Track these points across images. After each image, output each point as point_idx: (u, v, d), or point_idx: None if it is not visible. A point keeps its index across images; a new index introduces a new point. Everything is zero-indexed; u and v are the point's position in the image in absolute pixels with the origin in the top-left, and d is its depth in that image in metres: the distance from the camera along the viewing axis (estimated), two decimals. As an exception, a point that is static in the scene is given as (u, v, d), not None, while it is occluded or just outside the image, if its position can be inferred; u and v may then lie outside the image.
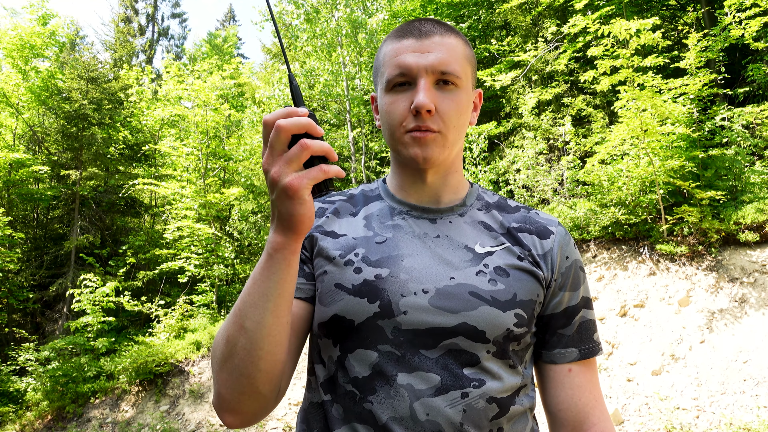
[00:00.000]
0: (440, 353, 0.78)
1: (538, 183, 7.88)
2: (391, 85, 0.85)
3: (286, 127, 0.65)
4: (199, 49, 22.41)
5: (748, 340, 4.85)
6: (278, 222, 0.68)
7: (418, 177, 0.90)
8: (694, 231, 5.86)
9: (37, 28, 11.91)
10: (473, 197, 0.94)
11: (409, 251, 0.84)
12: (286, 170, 0.65)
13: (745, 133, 6.56)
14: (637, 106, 5.88)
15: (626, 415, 4.70)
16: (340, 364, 0.81)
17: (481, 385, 0.78)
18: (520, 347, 0.84)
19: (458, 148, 0.89)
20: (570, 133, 8.22)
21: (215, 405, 0.75)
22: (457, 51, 0.85)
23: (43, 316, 10.71)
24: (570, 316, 0.89)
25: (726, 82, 7.83)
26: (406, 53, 0.83)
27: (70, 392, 7.45)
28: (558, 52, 9.29)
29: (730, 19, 6.84)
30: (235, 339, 0.71)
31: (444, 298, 0.79)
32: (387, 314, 0.79)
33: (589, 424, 0.87)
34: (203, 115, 10.58)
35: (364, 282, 0.81)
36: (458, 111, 0.84)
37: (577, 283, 0.90)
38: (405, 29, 0.86)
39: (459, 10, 11.56)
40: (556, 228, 0.91)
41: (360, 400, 0.78)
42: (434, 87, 0.83)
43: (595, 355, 0.90)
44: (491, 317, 0.79)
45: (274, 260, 0.70)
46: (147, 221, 13.11)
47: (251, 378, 0.71)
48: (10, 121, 12.30)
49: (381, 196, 0.95)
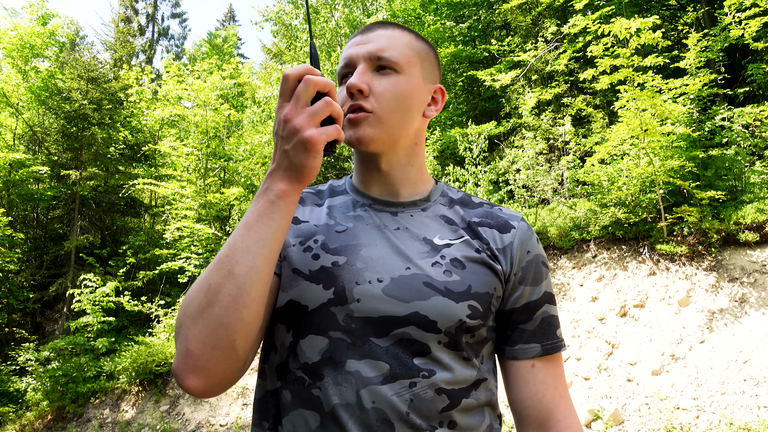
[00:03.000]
0: (391, 342, 0.78)
1: (538, 183, 7.88)
2: (340, 77, 0.89)
3: (315, 82, 0.69)
4: (199, 49, 22.42)
5: (748, 340, 4.85)
6: (287, 171, 0.70)
7: (374, 166, 0.90)
8: (694, 231, 5.86)
9: (37, 28, 11.92)
10: (437, 194, 0.95)
11: (368, 241, 0.85)
12: (309, 123, 0.68)
13: (745, 133, 6.56)
14: (637, 105, 5.88)
15: (626, 415, 4.70)
16: (292, 349, 0.80)
17: (431, 375, 0.77)
18: (474, 340, 0.83)
19: (407, 136, 0.89)
20: (570, 133, 8.22)
21: (178, 367, 0.70)
22: (398, 40, 0.87)
23: (43, 316, 10.71)
24: (531, 311, 0.88)
25: (726, 82, 7.82)
26: (351, 47, 0.87)
27: (70, 392, 7.46)
28: (558, 52, 9.28)
29: (730, 19, 6.84)
30: (219, 286, 0.69)
31: (398, 287, 0.79)
32: (341, 301, 0.79)
33: (554, 421, 0.86)
34: (203, 115, 10.58)
35: (321, 268, 0.82)
36: (395, 93, 0.84)
37: (539, 278, 0.89)
38: (357, 31, 0.91)
39: (459, 10, 11.56)
40: (518, 223, 0.91)
41: (308, 386, 0.77)
42: (371, 71, 0.85)
43: (558, 351, 0.90)
44: (443, 307, 0.78)
45: (276, 207, 0.71)
46: (147, 221, 13.10)
47: (230, 329, 0.68)
48: (10, 121, 12.31)
49: (346, 190, 0.96)
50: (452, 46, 10.49)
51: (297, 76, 0.70)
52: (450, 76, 11.25)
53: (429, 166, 9.28)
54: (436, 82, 0.94)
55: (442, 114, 10.45)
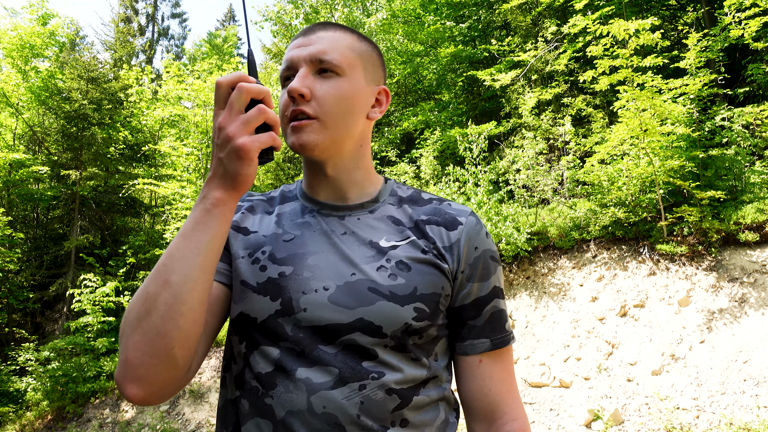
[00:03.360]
0: (339, 348, 0.79)
1: (538, 183, 7.88)
2: (282, 80, 0.88)
3: (249, 89, 0.70)
4: (199, 49, 22.42)
5: (748, 340, 4.85)
6: (222, 179, 0.71)
7: (320, 172, 0.90)
8: (694, 231, 5.86)
9: (37, 28, 11.91)
10: (386, 193, 0.94)
11: (315, 249, 0.85)
12: (243, 131, 0.69)
13: (745, 133, 6.56)
14: (637, 106, 5.88)
15: (626, 415, 4.70)
16: (246, 360, 0.82)
17: (380, 377, 0.78)
18: (423, 341, 0.83)
19: (352, 139, 0.89)
20: (570, 133, 8.21)
21: (119, 375, 0.70)
22: (339, 42, 0.86)
23: (43, 316, 10.70)
24: (480, 307, 0.88)
25: (726, 82, 7.82)
26: (292, 49, 0.86)
27: (70, 392, 7.45)
28: (558, 52, 9.28)
29: (730, 19, 6.83)
30: (155, 295, 0.69)
31: (343, 294, 0.80)
32: (287, 312, 0.80)
33: (499, 413, 0.87)
34: (203, 115, 10.58)
35: (268, 280, 0.83)
36: (337, 97, 0.83)
37: (487, 273, 0.89)
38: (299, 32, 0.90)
39: (459, 10, 11.56)
40: (466, 218, 0.90)
41: (262, 395, 0.79)
42: (313, 75, 0.84)
43: (507, 344, 0.90)
44: (388, 312, 0.79)
45: (212, 215, 0.71)
46: (147, 221, 13.10)
47: (168, 338, 0.69)
48: (10, 121, 12.30)
49: (297, 196, 0.96)
50: (452, 46, 10.49)
51: (230, 83, 0.71)
52: (450, 76, 11.25)
53: (429, 166, 9.28)
54: (380, 84, 0.93)
55: (442, 114, 10.46)
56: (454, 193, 7.06)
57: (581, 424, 4.74)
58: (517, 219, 6.96)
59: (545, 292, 6.38)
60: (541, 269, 6.69)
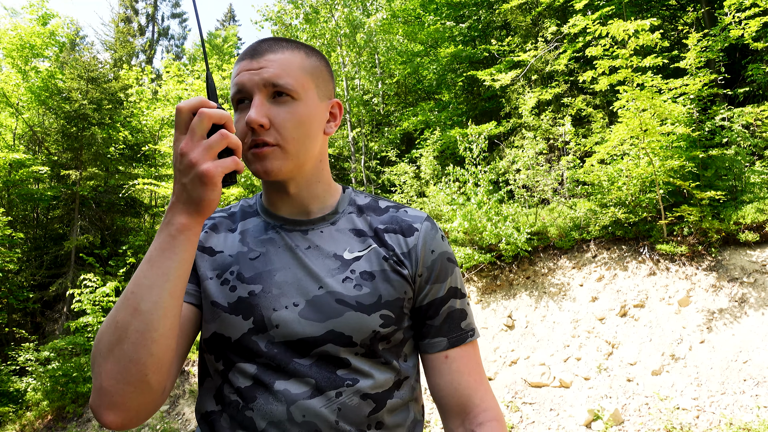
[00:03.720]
0: (313, 360, 0.82)
1: (538, 183, 7.88)
2: (235, 103, 0.88)
3: (210, 115, 0.70)
4: (199, 49, 22.41)
5: (748, 340, 4.85)
6: (186, 204, 0.71)
7: (282, 190, 0.91)
8: (694, 231, 5.86)
9: (37, 28, 11.91)
10: (345, 203, 0.96)
11: (281, 265, 0.87)
12: (205, 156, 0.69)
13: (745, 133, 6.56)
14: (637, 106, 5.88)
15: (626, 415, 4.70)
16: (224, 376, 0.85)
17: (354, 384, 0.82)
18: (390, 345, 0.87)
19: (312, 159, 0.90)
20: (570, 133, 8.22)
21: (95, 403, 0.71)
22: (291, 64, 0.86)
23: (43, 316, 10.70)
24: (437, 307, 0.92)
25: (726, 82, 7.82)
26: (242, 72, 0.85)
27: (70, 392, 7.46)
28: (558, 52, 9.28)
29: (730, 19, 6.83)
30: (126, 323, 0.69)
31: (313, 309, 0.83)
32: (260, 329, 0.82)
33: (471, 405, 0.90)
34: (203, 115, 10.55)
35: (238, 299, 0.84)
36: (295, 122, 0.84)
37: (444, 274, 0.92)
38: (245, 51, 0.89)
39: (459, 10, 11.56)
40: (422, 224, 0.93)
41: (242, 408, 0.81)
42: (269, 101, 0.84)
43: (465, 342, 0.92)
44: (356, 322, 0.82)
45: (177, 241, 0.71)
46: (147, 221, 13.10)
47: (141, 364, 0.69)
48: (10, 121, 12.30)
49: (257, 211, 0.97)
50: (452, 46, 10.49)
51: (191, 108, 0.70)
52: (450, 76, 11.25)
53: (429, 166, 9.28)
54: (331, 97, 0.94)
55: (442, 114, 10.46)
56: (454, 193, 7.06)
57: (581, 424, 4.74)
58: (517, 219, 6.96)
59: (545, 292, 6.38)
60: (541, 269, 6.69)
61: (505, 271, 6.89)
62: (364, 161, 10.95)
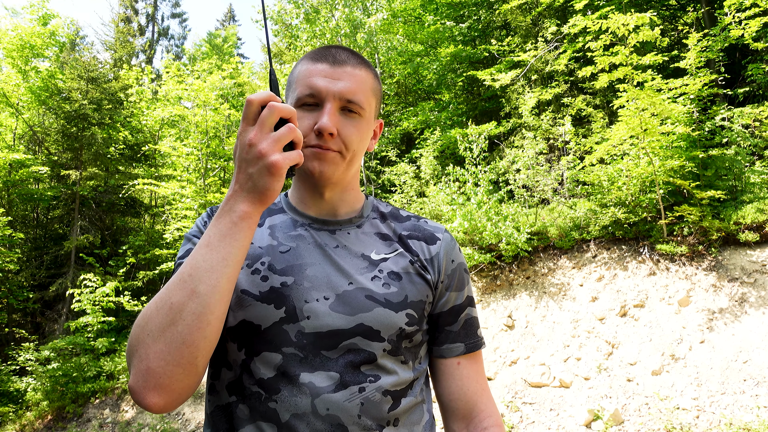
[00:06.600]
0: (340, 353, 0.84)
1: (538, 183, 7.88)
2: (300, 102, 0.90)
3: (280, 109, 0.73)
4: (198, 49, 22.41)
5: (748, 340, 4.85)
6: (250, 193, 0.73)
7: (317, 192, 0.96)
8: (694, 231, 5.86)
9: (37, 28, 11.90)
10: (369, 209, 1.02)
11: (312, 260, 0.90)
12: (274, 148, 0.72)
13: (745, 133, 6.56)
14: (637, 105, 5.87)
15: (626, 415, 4.70)
16: (246, 367, 0.85)
17: (377, 380, 0.85)
18: (411, 344, 0.92)
19: (355, 169, 0.98)
20: (570, 133, 8.21)
21: (138, 384, 0.71)
22: (365, 83, 0.92)
23: (43, 316, 10.70)
24: (456, 314, 0.98)
25: (726, 82, 7.82)
26: (318, 76, 0.89)
27: (70, 392, 7.45)
28: (558, 52, 9.28)
29: (730, 19, 6.83)
30: (182, 305, 0.70)
31: (342, 303, 0.86)
32: (292, 319, 0.84)
33: (477, 411, 0.96)
34: (203, 115, 10.58)
35: (271, 289, 0.86)
36: (359, 137, 0.91)
37: (462, 283, 1.00)
38: (322, 54, 0.92)
39: (459, 10, 11.56)
40: (443, 234, 1.01)
41: (265, 400, 0.82)
42: (339, 112, 0.89)
43: (479, 348, 1.00)
44: (385, 317, 0.86)
45: (239, 227, 0.73)
46: (147, 221, 13.10)
47: (194, 347, 0.71)
48: (10, 121, 12.31)
49: (284, 209, 1.00)
50: (452, 46, 10.48)
51: (261, 101, 0.73)
52: (450, 76, 11.25)
53: (429, 166, 9.28)
54: (378, 117, 1.01)
55: (442, 114, 10.46)
56: (454, 193, 7.06)
57: (581, 424, 4.74)
58: (517, 219, 6.96)
59: (545, 292, 6.38)
60: (541, 269, 6.69)
61: (505, 271, 6.89)
62: (365, 161, 10.95)
